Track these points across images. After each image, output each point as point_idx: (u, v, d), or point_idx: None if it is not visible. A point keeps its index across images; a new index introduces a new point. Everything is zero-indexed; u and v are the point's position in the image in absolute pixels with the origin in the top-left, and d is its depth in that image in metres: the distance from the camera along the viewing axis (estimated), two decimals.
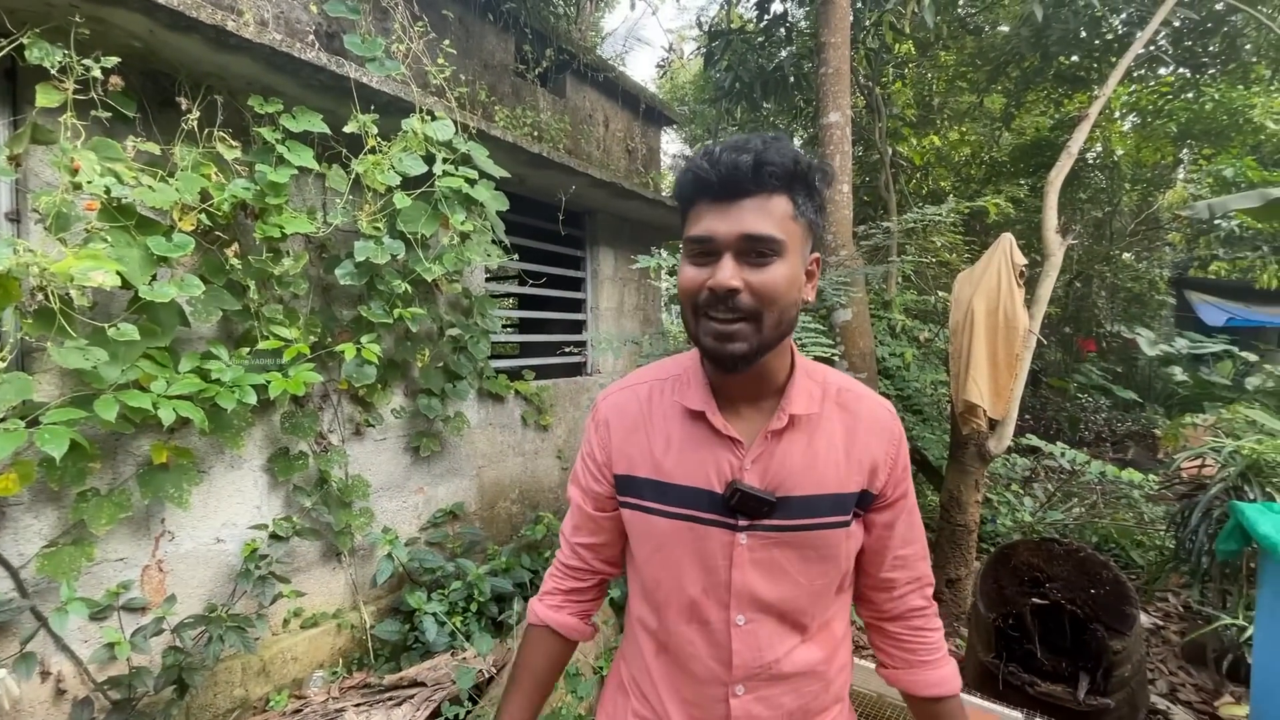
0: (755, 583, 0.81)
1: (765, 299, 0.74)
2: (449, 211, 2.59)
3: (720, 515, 0.82)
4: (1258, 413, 4.22)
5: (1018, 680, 2.18)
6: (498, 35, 3.80)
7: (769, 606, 0.82)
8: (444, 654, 2.52)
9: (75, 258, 1.68)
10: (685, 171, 0.78)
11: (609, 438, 0.91)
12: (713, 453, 0.83)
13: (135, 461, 2.08)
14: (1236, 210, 4.30)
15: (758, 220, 0.74)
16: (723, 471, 0.82)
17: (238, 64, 2.12)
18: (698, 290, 0.76)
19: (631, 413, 0.90)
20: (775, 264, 0.75)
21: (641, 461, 0.87)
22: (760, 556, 0.81)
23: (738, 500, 0.80)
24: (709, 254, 0.76)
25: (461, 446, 3.32)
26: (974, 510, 3.22)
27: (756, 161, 0.73)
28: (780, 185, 0.75)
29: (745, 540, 0.81)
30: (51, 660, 1.93)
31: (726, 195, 0.75)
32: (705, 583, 0.83)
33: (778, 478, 0.81)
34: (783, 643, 0.83)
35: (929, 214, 3.25)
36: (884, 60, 5.81)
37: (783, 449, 0.82)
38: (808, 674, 0.85)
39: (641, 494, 0.87)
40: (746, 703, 0.83)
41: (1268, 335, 11.66)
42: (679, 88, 11.66)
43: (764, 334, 0.76)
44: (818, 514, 0.82)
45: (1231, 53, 5.33)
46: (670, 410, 0.87)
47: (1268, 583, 1.97)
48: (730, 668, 0.82)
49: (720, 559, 0.82)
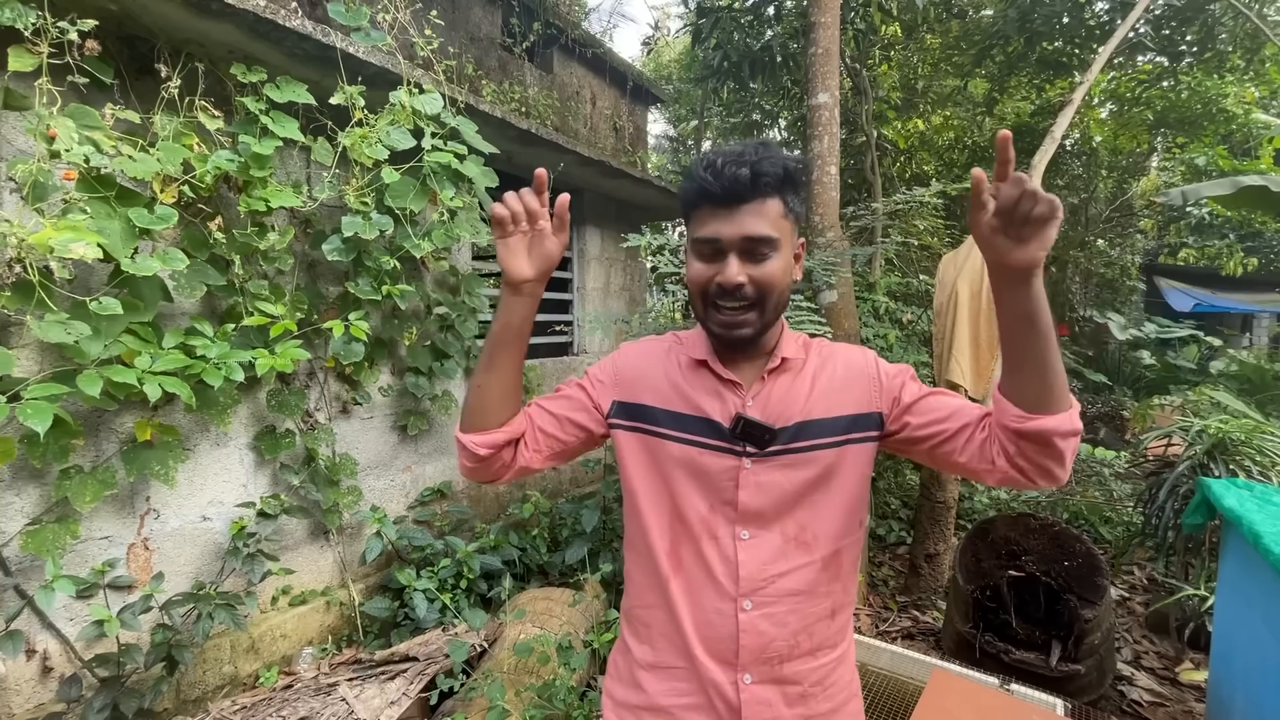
0: (760, 501, 0.91)
1: (765, 288, 0.88)
2: (438, 187, 2.55)
3: (727, 443, 0.92)
4: (1222, 394, 4.38)
5: (994, 649, 2.27)
6: (484, 7, 3.72)
7: (770, 522, 0.92)
8: (434, 630, 2.53)
9: (54, 229, 1.63)
10: (690, 181, 0.90)
11: (624, 371, 1.02)
12: (718, 393, 0.95)
13: (118, 439, 2.04)
14: (1209, 197, 4.41)
15: (756, 223, 0.87)
16: (727, 408, 0.93)
17: (219, 30, 2.05)
18: (706, 284, 0.90)
19: (651, 356, 1.02)
20: (772, 258, 0.88)
21: (655, 393, 0.98)
22: (763, 479, 0.91)
23: (742, 429, 0.90)
24: (716, 253, 0.89)
25: (449, 425, 3.31)
26: (953, 488, 3.31)
27: (754, 173, 0.85)
28: (773, 189, 0.87)
29: (750, 465, 0.92)
30: (37, 639, 1.90)
31: (728, 202, 0.87)
32: (713, 500, 0.93)
33: (775, 410, 0.93)
34: (786, 559, 0.92)
35: (917, 195, 3.28)
36: (871, 42, 5.81)
37: (779, 387, 0.95)
38: (810, 593, 0.92)
39: (655, 420, 0.97)
40: (754, 618, 0.90)
41: (1232, 320, 12.06)
42: (663, 66, 11.51)
43: (766, 316, 0.90)
44: (813, 436, 0.92)
45: (1208, 41, 5.41)
46: (682, 361, 0.99)
47: (1230, 554, 2.07)
48: (738, 581, 0.90)
49: (726, 480, 0.92)
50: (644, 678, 0.96)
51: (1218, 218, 8.97)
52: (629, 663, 1.00)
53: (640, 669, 0.97)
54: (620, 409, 1.00)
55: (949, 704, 1.31)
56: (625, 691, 1.00)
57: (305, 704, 2.08)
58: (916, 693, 1.85)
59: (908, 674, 2.02)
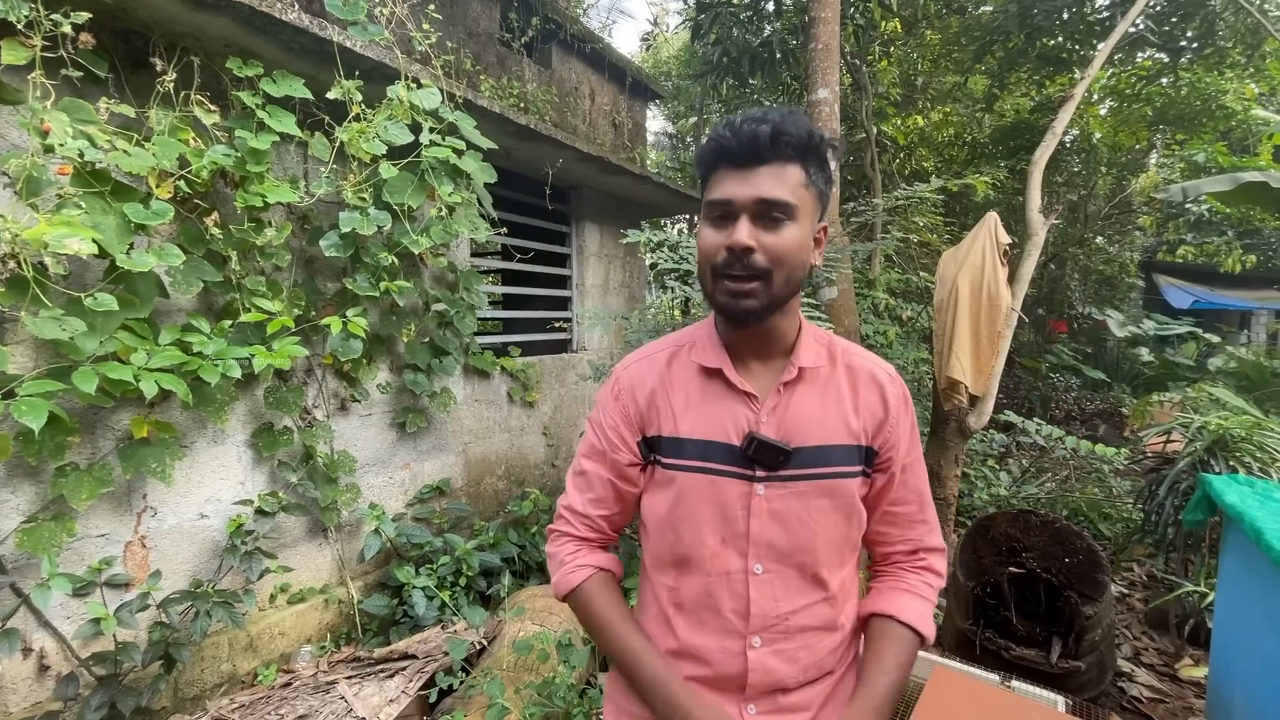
0: (772, 531, 0.85)
1: (777, 259, 0.81)
2: (436, 183, 2.53)
3: (738, 467, 0.86)
4: (1221, 390, 4.37)
5: (994, 645, 2.26)
6: (482, 1, 3.69)
7: (786, 556, 0.86)
8: (433, 627, 2.53)
9: (49, 224, 1.62)
10: (708, 140, 0.84)
11: (632, 406, 0.93)
12: (730, 407, 0.88)
13: (115, 436, 2.03)
14: (1209, 193, 4.40)
15: (773, 185, 0.80)
16: (740, 424, 0.86)
17: (215, 24, 2.03)
18: (715, 251, 0.82)
19: (650, 379, 0.94)
20: (788, 227, 0.81)
21: (663, 421, 0.91)
22: (778, 507, 0.85)
23: (755, 450, 0.84)
24: (727, 216, 0.82)
25: (448, 423, 3.30)
26: (953, 484, 3.30)
27: (774, 131, 0.79)
28: (795, 155, 0.81)
29: (763, 490, 0.85)
30: (33, 637, 1.89)
31: (746, 162, 0.80)
32: (724, 532, 0.87)
33: (792, 428, 0.86)
34: (801, 595, 0.86)
35: (918, 190, 3.27)
36: (871, 38, 5.78)
37: (796, 401, 0.87)
38: (821, 629, 0.88)
39: (662, 451, 0.89)
40: (763, 655, 0.86)
41: (1230, 317, 12.08)
42: (662, 62, 11.48)
43: (774, 291, 0.82)
44: (830, 463, 0.85)
45: (1208, 37, 5.40)
46: (688, 371, 0.92)
47: (1230, 550, 2.06)
48: (748, 618, 0.85)
49: (739, 509, 0.86)
50: None
51: (1216, 214, 8.96)
52: None
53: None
54: (645, 444, 0.92)
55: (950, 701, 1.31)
56: (628, 701, 0.97)
57: (304, 702, 2.07)
58: (917, 690, 1.85)
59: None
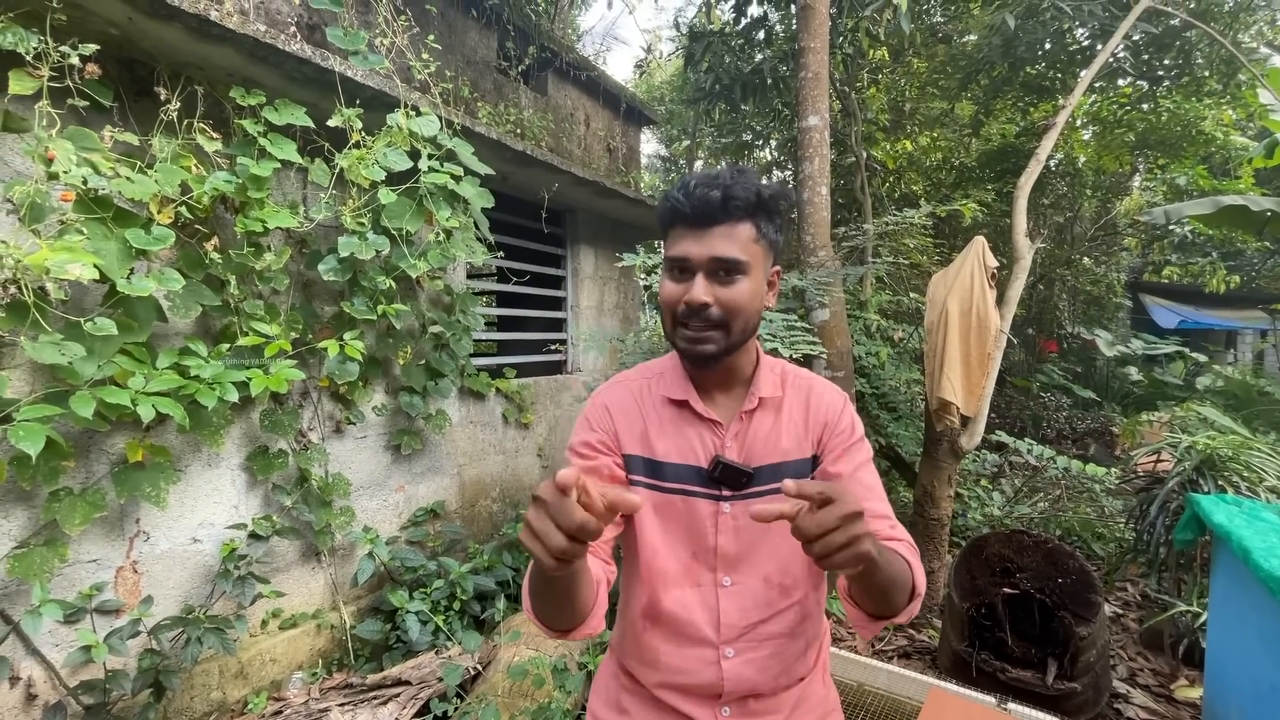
0: (738, 545, 0.92)
1: (732, 310, 0.88)
2: (434, 207, 2.57)
3: (706, 487, 0.92)
4: (1209, 409, 4.42)
5: (989, 667, 2.26)
6: (480, 31, 3.78)
7: (751, 567, 0.92)
8: (427, 652, 2.50)
9: (50, 250, 1.64)
10: (665, 201, 0.91)
11: (611, 422, 0.97)
12: (698, 432, 0.95)
13: (109, 460, 2.02)
14: (1191, 216, 4.49)
15: (725, 245, 0.86)
16: (707, 448, 0.93)
17: (219, 55, 2.08)
18: (676, 302, 0.89)
19: (626, 402, 0.99)
20: (740, 281, 0.88)
21: (638, 443, 0.96)
22: (743, 523, 0.92)
23: (720, 472, 0.90)
24: (685, 271, 0.89)
25: (443, 445, 3.30)
26: (946, 505, 3.32)
27: (724, 195, 0.85)
28: (745, 214, 0.87)
29: (729, 509, 0.92)
30: (21, 665, 1.87)
31: (699, 223, 0.87)
32: (695, 547, 0.93)
33: (753, 450, 0.93)
34: (769, 604, 0.92)
35: (908, 216, 3.33)
36: (859, 66, 5.93)
37: (755, 426, 0.95)
38: (790, 635, 0.93)
39: (639, 470, 0.95)
40: (737, 665, 0.91)
41: (1216, 337, 12.24)
42: (655, 88, 11.69)
43: (731, 338, 0.89)
44: (785, 476, 0.85)
45: (1185, 66, 5.56)
46: (657, 401, 0.98)
47: (1220, 570, 2.08)
48: (719, 629, 0.91)
49: (708, 526, 0.92)
50: (628, 702, 0.98)
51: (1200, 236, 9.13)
52: (617, 686, 1.01)
53: (625, 693, 0.99)
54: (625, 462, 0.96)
55: None
56: (609, 713, 1.01)
57: None
58: (914, 712, 1.85)
59: (905, 693, 2.01)
